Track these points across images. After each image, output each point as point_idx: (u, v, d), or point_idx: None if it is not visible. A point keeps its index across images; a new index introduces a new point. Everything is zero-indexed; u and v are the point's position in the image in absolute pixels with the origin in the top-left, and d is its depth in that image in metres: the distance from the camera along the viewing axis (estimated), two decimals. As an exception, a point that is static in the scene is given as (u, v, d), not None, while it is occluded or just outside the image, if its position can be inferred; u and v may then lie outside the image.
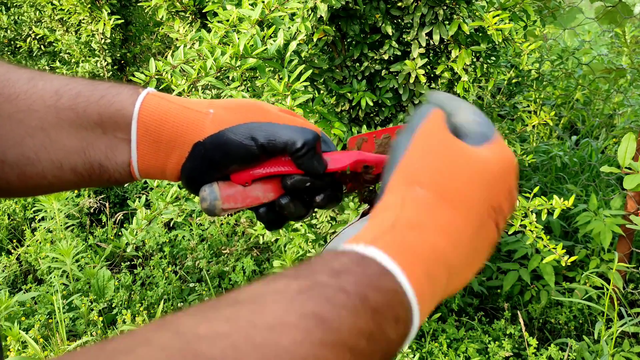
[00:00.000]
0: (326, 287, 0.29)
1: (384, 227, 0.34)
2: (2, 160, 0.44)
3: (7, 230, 2.42)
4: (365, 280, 0.30)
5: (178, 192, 1.20)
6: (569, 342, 1.61)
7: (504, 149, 0.40)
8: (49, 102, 0.44)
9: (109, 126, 0.45)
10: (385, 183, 0.38)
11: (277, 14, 1.07)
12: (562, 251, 1.32)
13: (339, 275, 0.30)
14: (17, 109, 0.44)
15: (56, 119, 0.44)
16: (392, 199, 0.36)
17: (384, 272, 0.32)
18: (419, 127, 0.39)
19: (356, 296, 0.29)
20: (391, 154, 0.39)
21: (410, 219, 0.35)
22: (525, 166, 2.44)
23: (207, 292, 1.97)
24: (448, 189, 0.36)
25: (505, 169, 0.39)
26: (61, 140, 0.45)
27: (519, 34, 1.63)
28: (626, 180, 1.05)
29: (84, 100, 0.44)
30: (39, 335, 1.71)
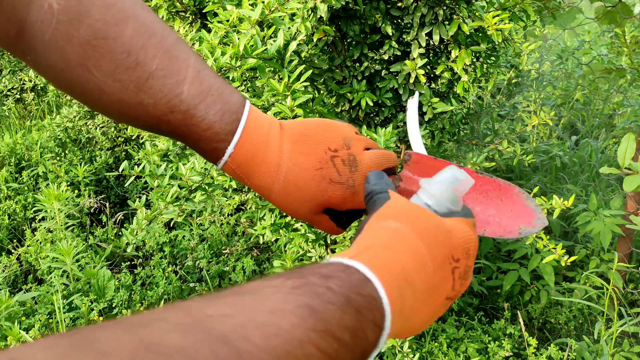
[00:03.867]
0: (316, 285, 0.34)
1: (363, 247, 0.40)
2: (124, 117, 0.53)
3: (7, 230, 2.42)
4: (349, 284, 0.35)
5: (178, 192, 1.20)
6: (568, 342, 1.61)
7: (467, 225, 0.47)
8: (152, 122, 0.52)
9: (207, 152, 0.53)
10: (364, 224, 0.44)
11: (277, 14, 1.07)
12: (562, 251, 1.32)
13: (326, 278, 0.35)
14: (128, 113, 0.52)
15: (160, 129, 0.53)
16: (369, 230, 0.43)
17: (365, 280, 0.36)
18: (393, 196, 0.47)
19: (342, 296, 0.34)
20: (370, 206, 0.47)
21: (385, 241, 0.40)
22: (525, 166, 2.45)
23: (208, 292, 1.97)
24: (418, 226, 0.43)
25: (466, 236, 0.46)
26: (167, 134, 0.53)
27: (518, 34, 1.63)
28: (626, 181, 1.05)
29: (184, 130, 0.52)
30: (39, 335, 1.72)
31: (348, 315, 0.33)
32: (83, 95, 0.52)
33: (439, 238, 0.43)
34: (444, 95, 1.43)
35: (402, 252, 0.40)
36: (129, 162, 1.22)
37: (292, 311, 0.31)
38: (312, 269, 0.36)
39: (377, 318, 0.35)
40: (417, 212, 0.44)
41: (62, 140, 2.95)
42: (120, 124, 2.91)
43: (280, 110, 1.05)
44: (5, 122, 3.49)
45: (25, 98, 3.65)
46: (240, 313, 0.30)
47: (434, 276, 0.42)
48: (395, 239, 0.41)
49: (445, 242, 0.43)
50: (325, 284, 0.34)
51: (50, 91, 3.57)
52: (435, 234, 0.43)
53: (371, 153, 0.56)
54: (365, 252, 0.39)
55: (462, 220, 0.47)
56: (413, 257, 0.40)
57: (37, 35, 0.48)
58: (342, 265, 0.37)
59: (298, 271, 0.35)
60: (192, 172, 1.20)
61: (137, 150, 2.20)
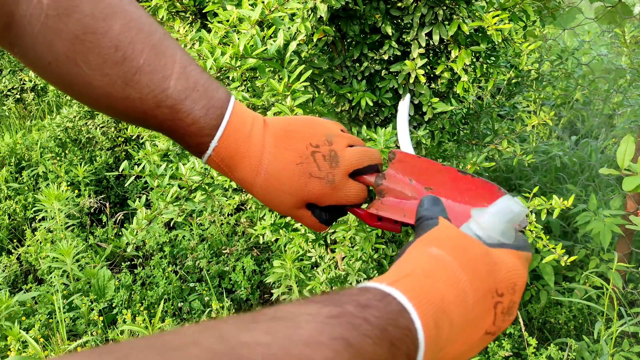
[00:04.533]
0: (353, 316, 0.33)
1: (403, 273, 0.39)
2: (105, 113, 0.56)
3: (7, 230, 2.42)
4: (386, 315, 0.34)
5: (178, 192, 1.20)
6: (568, 342, 1.61)
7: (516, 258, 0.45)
8: (139, 116, 0.53)
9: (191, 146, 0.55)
10: (406, 247, 0.43)
11: (277, 14, 1.07)
12: (562, 251, 1.32)
13: (364, 308, 0.34)
14: (116, 108, 0.52)
15: (145, 122, 0.53)
16: (411, 254, 0.42)
17: (402, 310, 0.35)
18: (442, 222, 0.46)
19: (378, 328, 0.33)
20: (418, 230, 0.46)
21: (425, 269, 0.39)
22: (525, 166, 2.45)
23: (207, 292, 1.97)
24: (462, 255, 0.41)
25: (514, 269, 0.44)
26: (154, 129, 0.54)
27: (518, 34, 1.63)
28: (625, 182, 1.05)
29: (170, 125, 0.53)
30: (39, 335, 1.72)
31: (382, 349, 0.32)
32: (71, 89, 0.52)
33: (483, 270, 0.41)
34: (444, 95, 1.43)
35: (442, 282, 0.39)
36: (129, 162, 1.22)
37: (327, 344, 0.30)
38: (350, 296, 0.35)
39: (410, 350, 0.34)
40: (463, 240, 0.43)
41: (62, 140, 2.95)
42: (121, 125, 2.91)
43: (280, 110, 1.05)
44: (6, 122, 3.49)
45: (25, 98, 3.65)
46: (274, 342, 0.29)
47: (474, 309, 0.40)
48: (436, 268, 0.39)
49: (489, 275, 0.42)
50: (362, 314, 0.33)
51: (50, 91, 3.57)
52: (480, 265, 0.41)
53: (353, 150, 0.57)
54: (404, 280, 0.38)
55: (513, 253, 0.45)
56: (453, 288, 0.39)
57: (25, 29, 0.48)
58: (380, 293, 0.36)
59: (335, 298, 0.34)
60: (192, 172, 1.20)
61: (137, 150, 2.20)
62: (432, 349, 0.36)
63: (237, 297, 1.99)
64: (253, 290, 2.01)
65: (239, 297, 1.99)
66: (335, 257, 1.56)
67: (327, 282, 1.50)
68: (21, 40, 0.49)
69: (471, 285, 0.40)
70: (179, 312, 1.95)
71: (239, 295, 1.99)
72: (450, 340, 0.39)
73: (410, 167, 0.58)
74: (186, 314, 1.93)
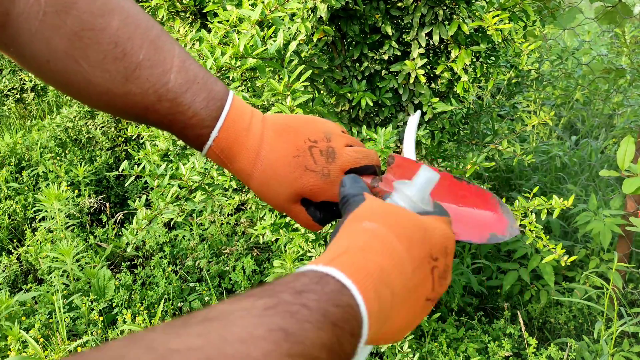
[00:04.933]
0: (290, 304, 0.32)
1: (339, 251, 0.38)
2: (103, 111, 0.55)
3: (7, 230, 2.42)
4: (325, 296, 0.33)
5: (178, 192, 1.20)
6: (568, 342, 1.61)
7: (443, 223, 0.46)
8: (139, 112, 0.53)
9: (191, 139, 0.55)
10: (339, 227, 0.43)
11: (277, 14, 1.07)
12: (562, 251, 1.32)
13: (300, 293, 0.33)
14: (116, 104, 0.53)
15: (147, 119, 0.54)
16: (344, 232, 0.41)
17: (341, 288, 0.35)
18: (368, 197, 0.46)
19: (318, 312, 0.32)
20: (345, 208, 0.46)
21: (360, 244, 0.39)
22: (525, 166, 2.45)
23: (208, 292, 1.97)
24: (394, 225, 0.41)
25: (444, 234, 0.45)
26: (153, 125, 0.55)
27: (518, 34, 1.63)
28: (625, 184, 1.05)
29: (170, 119, 0.53)
30: (39, 335, 1.72)
31: (324, 333, 0.31)
32: (69, 87, 0.52)
33: (417, 236, 0.42)
34: (444, 95, 1.43)
35: (379, 253, 0.38)
36: (129, 162, 1.22)
37: (264, 337, 0.29)
38: (285, 284, 0.34)
39: (354, 327, 0.34)
40: (394, 211, 0.43)
41: (62, 140, 2.95)
42: (121, 125, 2.91)
43: (280, 110, 1.05)
44: (6, 122, 3.49)
45: (25, 98, 3.65)
46: (208, 345, 0.27)
47: (413, 276, 0.41)
48: (371, 240, 0.39)
49: (423, 241, 0.42)
50: (299, 300, 0.32)
51: (50, 91, 3.57)
52: (413, 232, 0.42)
53: (351, 149, 0.58)
54: (341, 257, 0.37)
55: (439, 218, 0.46)
56: (391, 257, 0.39)
57: (22, 27, 0.49)
58: (316, 275, 0.35)
59: (270, 288, 0.33)
60: (192, 172, 1.20)
61: (137, 150, 2.20)
62: (375, 322, 0.36)
63: (237, 297, 1.99)
64: (253, 290, 2.01)
65: (239, 297, 1.99)
66: (335, 257, 1.56)
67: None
68: (18, 39, 0.49)
69: (408, 253, 0.40)
70: (179, 312, 1.95)
71: (239, 295, 1.99)
72: (393, 310, 0.39)
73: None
74: (186, 314, 1.93)
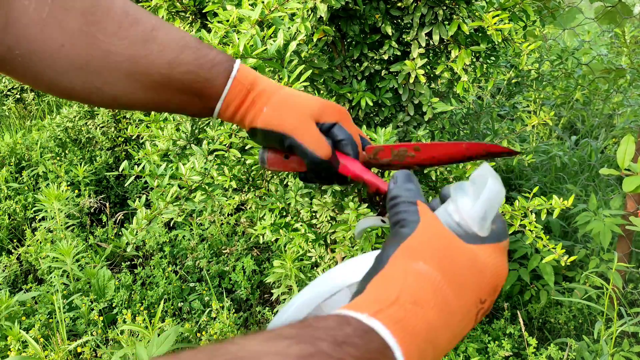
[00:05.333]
0: (328, 356, 0.29)
1: (388, 300, 0.34)
2: (115, 99, 0.56)
3: (7, 230, 2.42)
4: (367, 355, 0.30)
5: (178, 192, 1.20)
6: (568, 342, 1.61)
7: (500, 254, 0.42)
8: (163, 71, 0.55)
9: (205, 97, 0.58)
10: (388, 255, 0.38)
11: (277, 14, 1.07)
12: (562, 251, 1.32)
13: (341, 345, 0.30)
14: (137, 71, 0.54)
15: (168, 84, 0.56)
16: (395, 270, 0.37)
17: (384, 348, 0.32)
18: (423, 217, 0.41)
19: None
20: (395, 232, 0.40)
21: (413, 293, 0.35)
22: (525, 166, 2.45)
23: (207, 292, 1.97)
24: (449, 271, 0.37)
25: (497, 272, 0.40)
26: (167, 99, 0.57)
27: (518, 34, 1.63)
28: (625, 183, 1.05)
29: (192, 77, 0.56)
30: (39, 335, 1.72)
31: None
32: (88, 66, 0.53)
33: (470, 282, 0.38)
34: (444, 95, 1.43)
35: (430, 307, 0.35)
36: (129, 162, 1.23)
37: None
38: (326, 330, 0.31)
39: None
40: (450, 248, 0.39)
41: (62, 140, 2.95)
42: (121, 124, 2.90)
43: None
44: (6, 122, 3.49)
45: (25, 98, 3.65)
46: None
47: (459, 326, 0.38)
48: (424, 290, 0.36)
49: (476, 287, 0.39)
50: (338, 354, 0.29)
51: (50, 91, 3.57)
52: (467, 278, 0.38)
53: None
54: (389, 309, 0.34)
55: (495, 247, 0.41)
56: (441, 312, 0.36)
57: (31, 19, 0.50)
58: (360, 328, 0.32)
59: (309, 333, 0.30)
60: (192, 172, 1.20)
61: (137, 150, 2.20)
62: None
63: (237, 297, 1.99)
64: (253, 290, 2.01)
65: (239, 297, 1.99)
66: (335, 257, 1.56)
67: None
68: (25, 36, 0.50)
69: (457, 301, 0.37)
70: (179, 312, 1.95)
71: (239, 295, 1.99)
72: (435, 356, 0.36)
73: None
74: (186, 314, 1.93)
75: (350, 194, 1.46)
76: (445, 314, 0.36)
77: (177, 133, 1.41)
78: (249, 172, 1.54)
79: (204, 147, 1.28)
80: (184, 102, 0.58)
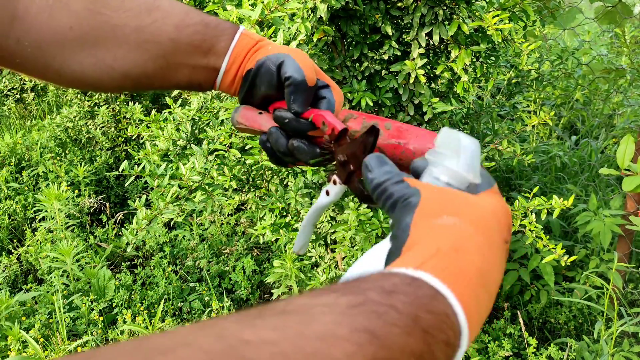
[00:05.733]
0: (378, 304, 0.29)
1: (428, 254, 0.34)
2: (126, 76, 0.56)
3: (7, 230, 2.42)
4: (417, 301, 0.30)
5: (178, 192, 1.20)
6: (568, 342, 1.61)
7: (499, 197, 0.42)
8: (172, 36, 0.55)
9: (211, 54, 0.57)
10: (407, 223, 0.37)
11: (277, 14, 1.07)
12: (562, 251, 1.32)
13: (390, 294, 0.30)
14: (145, 40, 0.55)
15: (175, 49, 0.56)
16: (423, 231, 0.36)
17: (435, 294, 0.31)
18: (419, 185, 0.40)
19: (408, 316, 0.29)
20: (401, 207, 0.39)
21: (452, 242, 0.35)
22: (525, 166, 2.45)
23: (207, 292, 1.97)
24: (472, 218, 0.37)
25: (507, 211, 0.41)
26: (176, 66, 0.57)
27: (518, 34, 1.63)
28: (625, 182, 1.05)
29: (199, 37, 0.56)
30: (39, 335, 1.72)
31: (414, 339, 0.28)
32: (97, 43, 0.54)
33: (492, 225, 0.38)
34: (444, 95, 1.43)
35: (473, 253, 0.34)
36: (129, 162, 1.23)
37: (347, 337, 0.26)
38: (373, 282, 0.31)
39: (450, 337, 0.31)
40: (463, 200, 0.39)
41: (62, 140, 2.95)
42: (121, 125, 2.90)
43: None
44: (6, 122, 3.49)
45: (25, 98, 3.65)
46: (284, 340, 0.25)
47: (500, 268, 0.37)
48: (460, 239, 0.35)
49: (497, 228, 0.38)
50: (388, 301, 0.29)
51: (51, 91, 3.57)
52: (488, 222, 0.38)
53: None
54: (432, 260, 0.33)
55: (490, 192, 0.42)
56: (483, 256, 0.35)
57: (39, 7, 0.52)
58: (407, 277, 0.32)
59: (355, 285, 0.30)
60: (192, 172, 1.20)
61: (137, 150, 2.20)
62: (477, 325, 0.33)
63: (237, 297, 2.00)
64: (253, 290, 2.01)
65: (239, 297, 1.99)
66: (335, 257, 1.57)
67: (327, 282, 1.50)
68: (33, 25, 0.52)
69: (490, 246, 0.37)
70: (179, 312, 1.95)
71: (239, 295, 1.99)
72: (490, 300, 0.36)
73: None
74: (186, 314, 1.93)
75: (351, 194, 1.46)
76: (487, 257, 0.35)
77: (177, 133, 1.41)
78: (249, 172, 1.54)
79: (204, 147, 1.28)
80: (192, 67, 0.58)
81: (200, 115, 1.46)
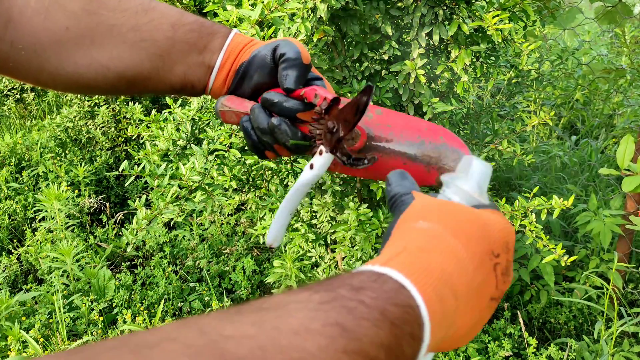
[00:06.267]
0: (348, 299, 0.31)
1: (395, 252, 0.36)
2: (121, 76, 0.56)
3: (7, 230, 2.42)
4: (384, 295, 0.32)
5: (178, 192, 1.20)
6: (568, 342, 1.61)
7: (500, 215, 0.44)
8: (168, 34, 0.56)
9: (207, 52, 0.58)
10: (390, 229, 0.41)
11: (277, 14, 1.07)
12: (562, 251, 1.32)
13: (358, 290, 0.32)
14: (142, 38, 0.55)
15: (172, 47, 0.56)
16: (398, 233, 0.39)
17: (400, 288, 0.33)
18: (417, 196, 0.43)
19: (376, 309, 0.31)
20: (395, 209, 0.44)
21: (419, 244, 0.37)
22: (525, 166, 2.45)
23: (208, 292, 1.97)
24: (451, 223, 0.39)
25: (504, 228, 0.42)
26: (171, 64, 0.57)
27: (518, 34, 1.63)
28: (625, 182, 1.05)
29: (195, 35, 0.57)
30: (39, 335, 1.72)
31: (383, 331, 0.30)
32: (92, 43, 0.55)
33: (475, 232, 0.39)
34: (444, 95, 1.43)
35: (438, 253, 0.36)
36: (129, 162, 1.23)
37: (320, 331, 0.28)
38: (342, 280, 0.33)
39: (414, 330, 0.32)
40: (448, 207, 0.41)
41: (62, 140, 2.95)
42: (121, 125, 2.90)
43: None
44: (6, 122, 3.49)
45: (25, 98, 3.65)
46: (262, 334, 0.27)
47: (475, 275, 0.38)
48: (429, 240, 0.37)
49: (483, 237, 0.40)
50: (356, 297, 0.31)
51: (51, 91, 3.57)
52: (472, 229, 0.39)
53: None
54: (398, 257, 0.36)
55: (494, 211, 0.43)
56: (450, 258, 0.37)
57: (34, 10, 0.52)
58: (373, 274, 0.34)
59: (327, 283, 0.32)
60: (192, 172, 1.20)
61: (137, 150, 2.20)
62: (440, 325, 0.34)
63: (237, 297, 1.99)
64: (253, 290, 2.01)
65: (239, 297, 1.99)
66: (335, 257, 1.57)
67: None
68: (28, 28, 0.52)
69: (467, 251, 0.38)
70: (179, 312, 1.95)
71: (239, 295, 1.99)
72: (458, 313, 0.37)
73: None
74: (186, 314, 1.93)
75: (351, 194, 1.46)
76: (456, 259, 0.37)
77: (177, 133, 1.41)
78: (249, 172, 1.54)
79: (204, 147, 1.28)
80: (187, 65, 0.58)
81: (200, 115, 1.46)
